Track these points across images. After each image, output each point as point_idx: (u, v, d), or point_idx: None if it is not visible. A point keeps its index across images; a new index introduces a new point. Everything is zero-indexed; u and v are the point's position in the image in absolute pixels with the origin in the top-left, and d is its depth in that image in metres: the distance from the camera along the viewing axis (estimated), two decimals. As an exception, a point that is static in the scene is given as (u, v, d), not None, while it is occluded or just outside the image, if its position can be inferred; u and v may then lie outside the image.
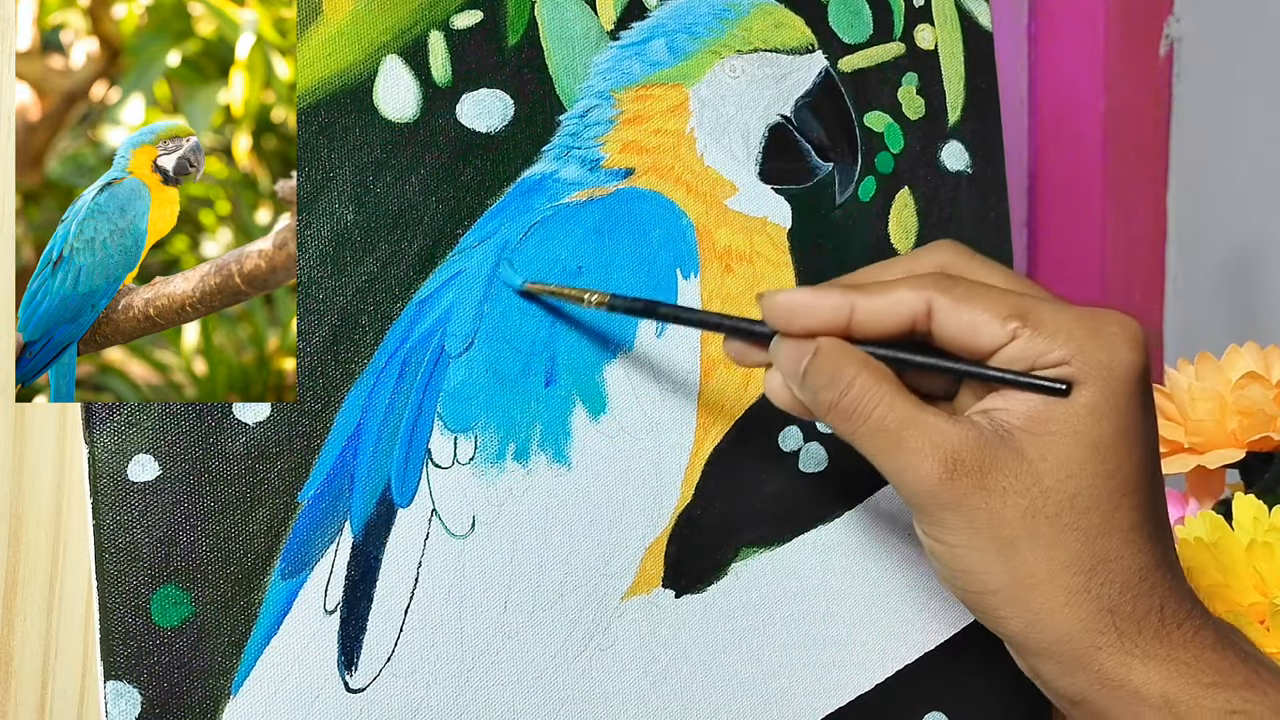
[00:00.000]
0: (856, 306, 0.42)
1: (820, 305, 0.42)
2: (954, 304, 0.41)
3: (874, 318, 0.41)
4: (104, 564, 0.43)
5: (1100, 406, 0.39)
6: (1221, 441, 0.58)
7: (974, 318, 0.40)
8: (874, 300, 0.41)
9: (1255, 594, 0.46)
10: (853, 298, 0.42)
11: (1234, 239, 0.94)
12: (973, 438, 0.39)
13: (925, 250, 0.44)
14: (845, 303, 0.42)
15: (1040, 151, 0.94)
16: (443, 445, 0.48)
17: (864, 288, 0.42)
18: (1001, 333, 0.40)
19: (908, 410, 0.40)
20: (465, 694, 0.48)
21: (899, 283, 0.42)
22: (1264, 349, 0.60)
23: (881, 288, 0.42)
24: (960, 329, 0.41)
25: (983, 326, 0.40)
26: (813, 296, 0.42)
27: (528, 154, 0.50)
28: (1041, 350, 0.40)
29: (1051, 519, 0.39)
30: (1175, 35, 0.94)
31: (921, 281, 0.41)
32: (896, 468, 0.40)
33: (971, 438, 0.39)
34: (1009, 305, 0.40)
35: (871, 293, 0.42)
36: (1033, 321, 0.40)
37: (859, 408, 0.41)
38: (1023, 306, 0.40)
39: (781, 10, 0.55)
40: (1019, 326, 0.40)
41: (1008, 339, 0.40)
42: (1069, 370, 0.39)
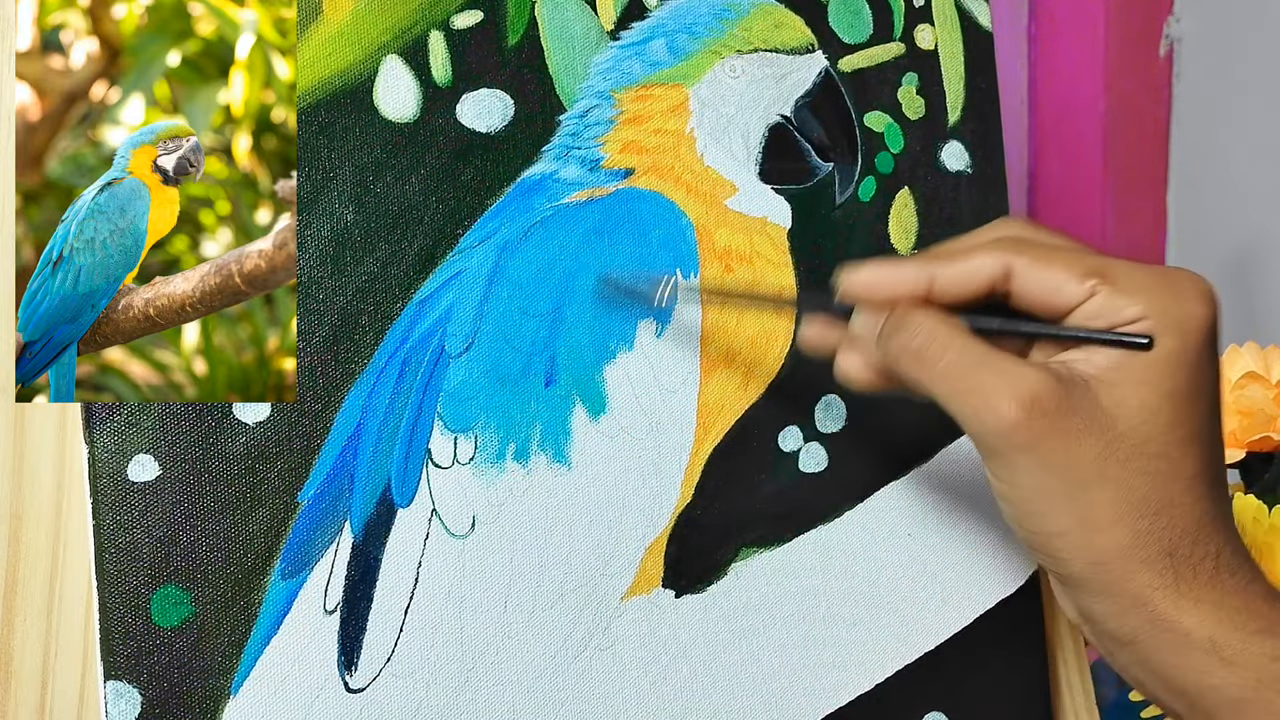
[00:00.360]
0: (936, 275, 0.43)
1: (901, 276, 0.44)
2: (1032, 264, 0.42)
3: (954, 283, 0.43)
4: (104, 564, 0.43)
5: (1175, 358, 0.41)
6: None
7: (1053, 276, 0.42)
8: (953, 266, 0.43)
9: (1255, 594, 0.46)
10: (931, 267, 0.43)
11: (1234, 239, 0.94)
12: (1051, 381, 0.40)
13: (993, 225, 0.46)
14: (924, 272, 0.43)
15: (1040, 151, 0.94)
16: (443, 445, 0.48)
17: (941, 256, 0.44)
18: (1080, 290, 0.42)
19: (982, 353, 0.42)
20: (465, 694, 0.48)
21: (976, 249, 0.43)
22: (1264, 349, 0.60)
23: (960, 254, 0.43)
24: (1042, 288, 0.42)
25: (1062, 285, 0.42)
26: (893, 268, 0.44)
27: (528, 154, 0.50)
28: (1120, 306, 0.41)
29: (1122, 463, 0.40)
30: (1175, 35, 0.94)
31: (999, 244, 0.43)
32: (972, 409, 0.41)
33: (1050, 381, 0.40)
34: (1086, 264, 0.42)
35: (951, 259, 0.43)
36: (1110, 278, 0.42)
37: (931, 350, 0.42)
38: (1099, 265, 0.42)
39: (781, 10, 0.55)
40: (1098, 283, 0.42)
41: (1086, 295, 0.42)
42: (1147, 324, 0.41)
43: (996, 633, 0.57)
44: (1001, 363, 0.41)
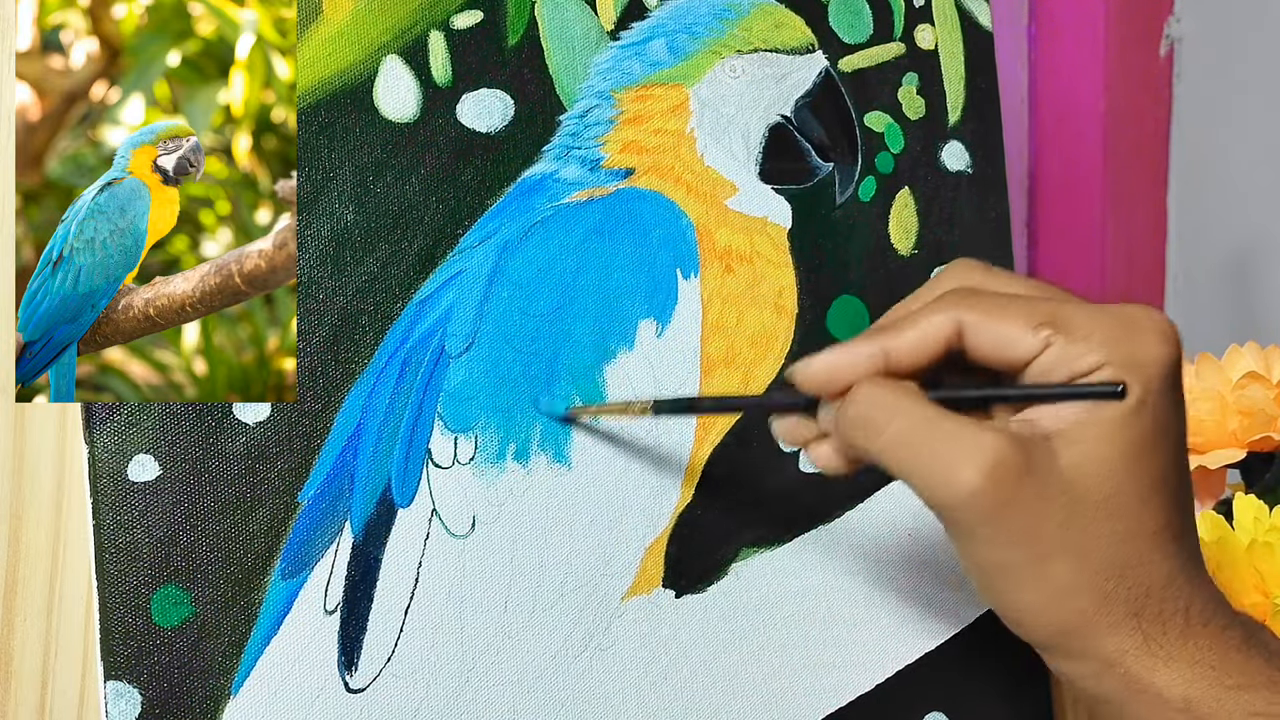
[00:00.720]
0: (888, 349, 0.41)
1: (853, 358, 0.41)
2: (983, 319, 0.40)
3: (908, 354, 0.41)
4: (104, 564, 0.43)
5: (1137, 406, 0.39)
6: (1222, 441, 0.58)
7: (1006, 330, 0.40)
8: (904, 336, 0.41)
9: (1256, 594, 0.46)
10: (882, 341, 0.41)
11: (1234, 239, 0.94)
12: (1012, 446, 0.38)
13: (942, 273, 0.44)
14: (876, 349, 0.41)
15: (1040, 151, 0.94)
16: (443, 445, 0.48)
17: (891, 328, 0.41)
18: (1035, 342, 0.40)
19: (936, 418, 0.39)
20: (465, 694, 0.48)
21: (923, 311, 0.41)
22: (1264, 349, 0.60)
23: (908, 321, 0.41)
24: (995, 343, 0.40)
25: (1016, 339, 0.40)
26: (844, 352, 0.41)
27: (528, 154, 0.50)
28: (1077, 354, 0.39)
29: (1083, 528, 0.38)
30: (1175, 35, 0.94)
31: (945, 302, 0.41)
32: (928, 479, 0.39)
33: (1011, 446, 0.38)
34: (1038, 313, 0.40)
35: (900, 330, 0.41)
36: (1064, 327, 0.39)
37: (877, 418, 0.40)
38: (1052, 312, 0.40)
39: (782, 10, 0.55)
40: (1051, 334, 0.39)
41: (1041, 347, 0.39)
42: (1108, 373, 0.39)
43: (996, 633, 0.57)
44: (958, 428, 0.39)
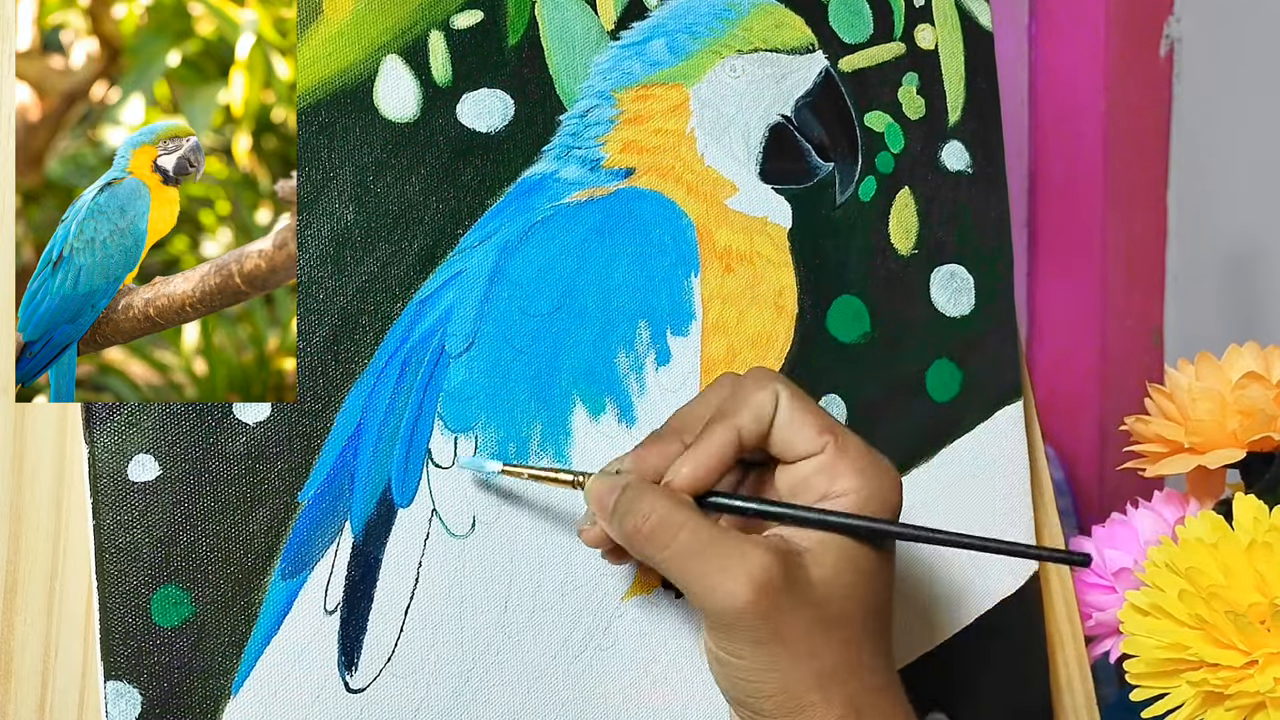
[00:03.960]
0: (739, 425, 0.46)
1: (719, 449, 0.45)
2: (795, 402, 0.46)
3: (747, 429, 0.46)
4: (104, 564, 0.43)
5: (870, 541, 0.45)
6: (1222, 441, 0.58)
7: (805, 420, 0.46)
8: (741, 416, 0.45)
9: (1255, 594, 0.46)
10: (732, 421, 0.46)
11: (1234, 239, 0.94)
12: (777, 560, 0.43)
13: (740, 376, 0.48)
14: (732, 433, 0.45)
15: (1040, 151, 0.94)
16: (443, 445, 0.48)
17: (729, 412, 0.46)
18: (817, 443, 0.45)
19: (713, 533, 0.44)
20: (465, 694, 0.48)
21: (753, 385, 0.46)
22: (1264, 349, 0.60)
23: (742, 402, 0.46)
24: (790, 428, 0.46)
25: (808, 432, 0.45)
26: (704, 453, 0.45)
27: (528, 154, 0.50)
28: (836, 473, 0.45)
29: (824, 634, 0.44)
30: (1175, 35, 0.93)
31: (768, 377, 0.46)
32: (707, 587, 0.43)
33: (776, 560, 0.43)
34: (825, 422, 0.46)
35: (738, 411, 0.46)
36: (840, 443, 0.45)
37: (662, 533, 0.44)
38: (833, 425, 0.46)
39: (782, 10, 0.55)
40: (830, 442, 0.45)
41: (818, 449, 0.45)
42: (854, 499, 0.45)
43: (996, 633, 0.57)
44: (732, 543, 0.43)
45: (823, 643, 0.44)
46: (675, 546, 0.44)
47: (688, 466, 0.45)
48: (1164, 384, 0.60)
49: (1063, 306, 0.96)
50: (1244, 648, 0.46)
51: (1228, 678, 0.46)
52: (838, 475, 0.45)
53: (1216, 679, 0.46)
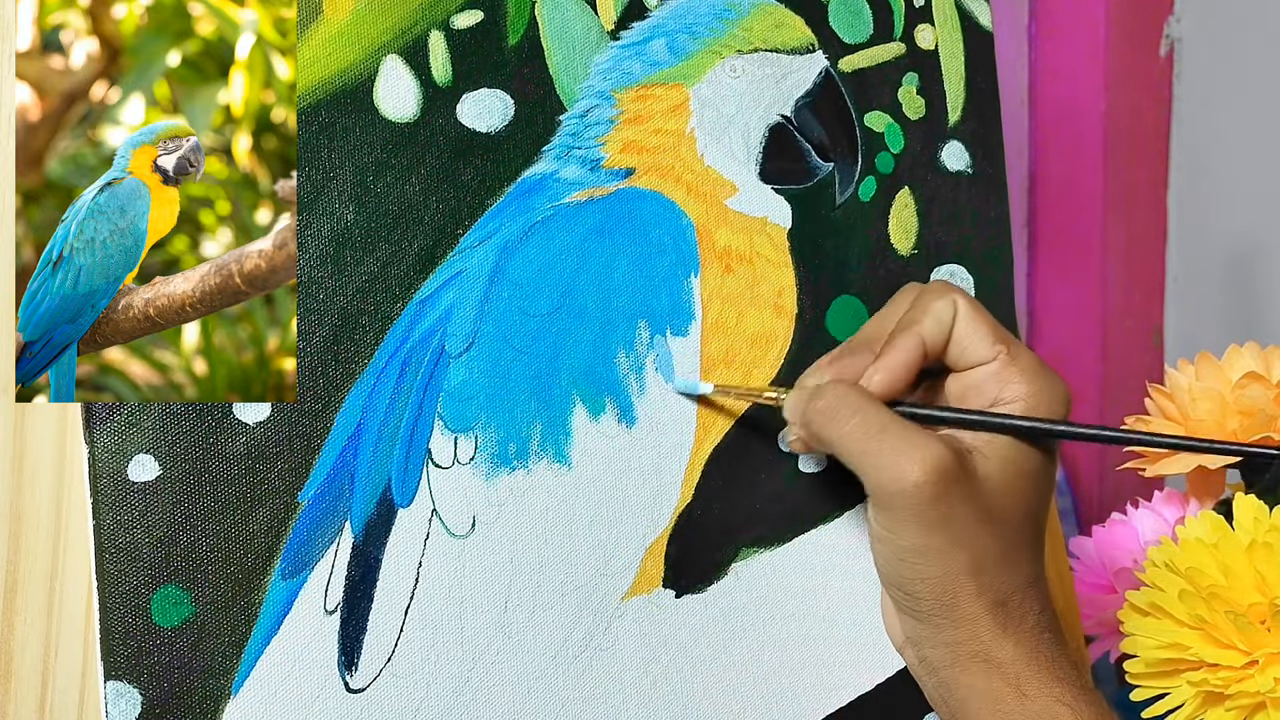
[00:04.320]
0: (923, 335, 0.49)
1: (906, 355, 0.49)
2: (973, 312, 0.49)
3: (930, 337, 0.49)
4: (104, 564, 0.43)
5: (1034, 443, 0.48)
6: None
7: (979, 330, 0.49)
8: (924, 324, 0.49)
9: (1256, 594, 0.46)
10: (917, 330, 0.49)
11: (1234, 239, 0.94)
12: (949, 452, 0.46)
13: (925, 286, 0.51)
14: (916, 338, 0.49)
15: (1040, 151, 0.94)
16: (443, 445, 0.48)
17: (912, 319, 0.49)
18: (990, 351, 0.49)
19: (888, 419, 0.47)
20: (465, 694, 0.48)
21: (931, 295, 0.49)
22: (1264, 349, 0.60)
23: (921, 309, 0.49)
24: (966, 337, 0.49)
25: (981, 340, 0.49)
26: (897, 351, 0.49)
27: (528, 154, 0.50)
28: (1008, 379, 0.48)
29: (982, 524, 0.47)
30: (1175, 35, 0.94)
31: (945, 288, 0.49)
32: (877, 469, 0.46)
33: (948, 452, 0.46)
34: (998, 331, 0.49)
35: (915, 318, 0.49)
36: (1012, 352, 0.49)
37: (841, 413, 0.47)
38: (1007, 336, 0.49)
39: (782, 10, 0.55)
40: (1004, 351, 0.48)
41: (992, 358, 0.49)
42: (1023, 405, 0.48)
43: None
44: (906, 430, 0.46)
45: (983, 534, 0.46)
46: (850, 427, 0.46)
47: (880, 374, 0.48)
48: (1164, 384, 0.60)
49: (1063, 306, 0.96)
50: (1244, 648, 0.46)
51: (1228, 678, 0.46)
52: (1009, 381, 0.48)
53: (1216, 679, 0.46)
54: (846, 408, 0.47)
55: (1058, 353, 0.96)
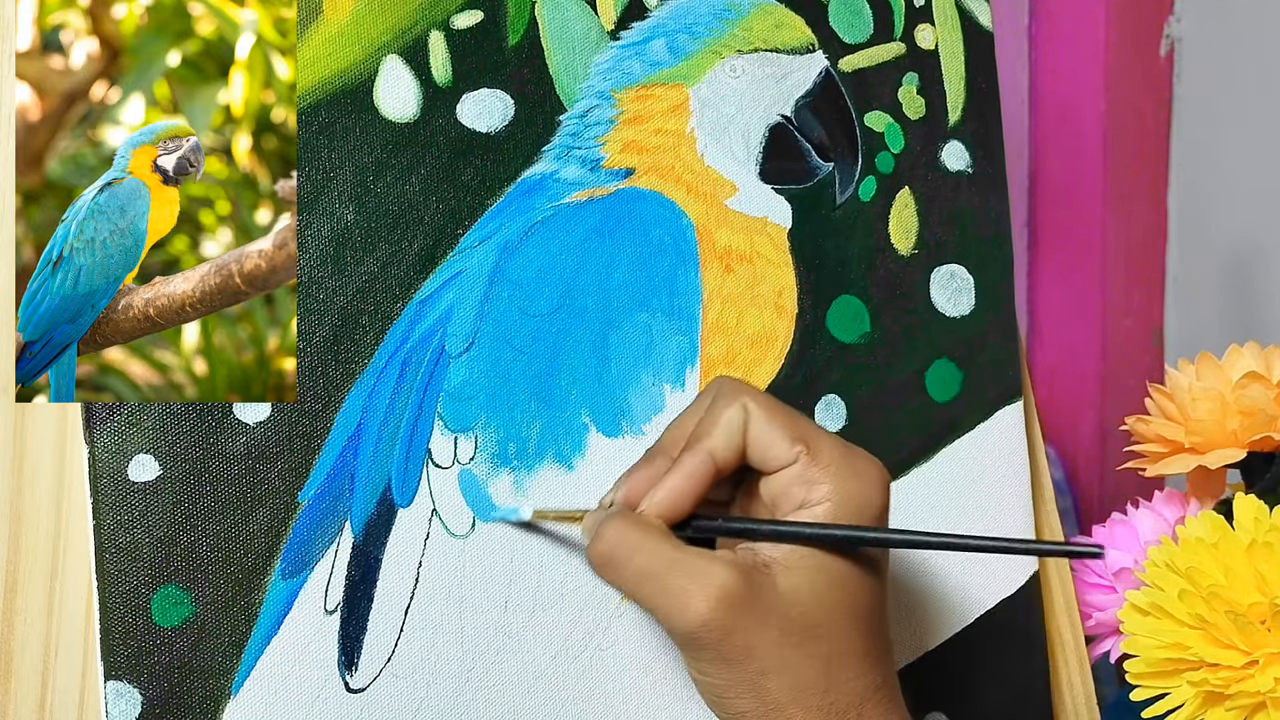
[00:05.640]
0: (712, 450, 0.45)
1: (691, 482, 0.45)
2: (766, 414, 0.45)
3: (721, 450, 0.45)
4: (104, 564, 0.43)
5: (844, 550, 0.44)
6: (1222, 441, 0.58)
7: (776, 435, 0.44)
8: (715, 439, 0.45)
9: (1256, 594, 0.46)
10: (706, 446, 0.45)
11: (1234, 239, 0.94)
12: (737, 576, 0.43)
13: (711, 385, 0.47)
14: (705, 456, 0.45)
15: (1040, 151, 0.94)
16: (443, 445, 0.48)
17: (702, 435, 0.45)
18: (789, 454, 0.44)
19: (672, 554, 0.43)
20: (465, 694, 0.48)
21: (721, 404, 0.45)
22: (1264, 349, 0.60)
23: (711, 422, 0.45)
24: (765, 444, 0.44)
25: (779, 445, 0.44)
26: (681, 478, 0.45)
27: (528, 154, 0.50)
28: (812, 479, 0.44)
29: (795, 647, 0.43)
30: (1175, 35, 0.93)
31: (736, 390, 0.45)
32: (665, 610, 0.43)
33: (736, 576, 0.43)
34: (797, 428, 0.45)
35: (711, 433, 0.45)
36: (813, 450, 0.44)
37: (618, 555, 0.44)
38: (806, 433, 0.45)
39: (782, 10, 0.55)
40: (803, 451, 0.44)
41: (792, 460, 0.44)
42: (830, 507, 0.44)
43: (996, 633, 0.57)
44: (692, 562, 0.43)
45: (796, 655, 0.43)
46: (630, 569, 0.43)
47: (660, 493, 0.45)
48: (1164, 384, 0.60)
49: (1063, 306, 0.96)
50: (1244, 648, 0.46)
51: (1228, 678, 0.46)
52: (814, 482, 0.44)
53: (1217, 679, 0.46)
54: (624, 549, 0.43)
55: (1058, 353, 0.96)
